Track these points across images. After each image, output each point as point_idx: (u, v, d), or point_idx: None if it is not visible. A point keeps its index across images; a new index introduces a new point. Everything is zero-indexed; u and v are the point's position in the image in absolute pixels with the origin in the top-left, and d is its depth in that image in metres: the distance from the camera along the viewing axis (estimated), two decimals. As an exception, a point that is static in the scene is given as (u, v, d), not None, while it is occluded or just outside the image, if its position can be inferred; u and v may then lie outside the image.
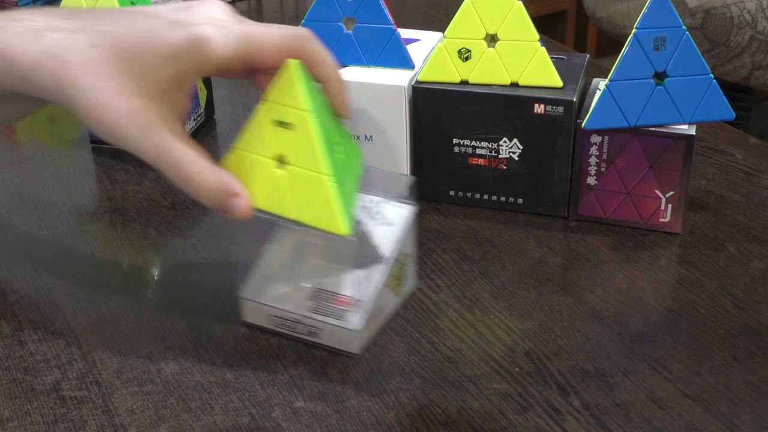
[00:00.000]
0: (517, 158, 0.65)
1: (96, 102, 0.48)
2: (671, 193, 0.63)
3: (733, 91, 1.33)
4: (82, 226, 0.68)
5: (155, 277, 0.62)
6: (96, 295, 0.59)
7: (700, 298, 0.58)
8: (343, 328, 0.52)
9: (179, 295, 0.59)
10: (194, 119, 0.79)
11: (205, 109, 0.82)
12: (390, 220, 0.55)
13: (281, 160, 0.49)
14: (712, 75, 0.61)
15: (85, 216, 0.68)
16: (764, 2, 1.23)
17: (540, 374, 0.52)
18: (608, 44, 2.30)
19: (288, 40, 0.50)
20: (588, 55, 0.70)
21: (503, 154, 0.66)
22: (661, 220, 0.64)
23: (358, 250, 0.52)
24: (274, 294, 0.55)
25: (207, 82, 0.82)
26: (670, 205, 0.63)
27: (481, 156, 0.66)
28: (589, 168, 0.64)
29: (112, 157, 0.76)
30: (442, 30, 0.65)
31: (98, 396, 0.51)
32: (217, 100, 0.85)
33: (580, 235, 0.65)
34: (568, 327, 0.55)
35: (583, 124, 0.62)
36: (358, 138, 0.67)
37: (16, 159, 0.74)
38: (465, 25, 0.64)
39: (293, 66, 0.49)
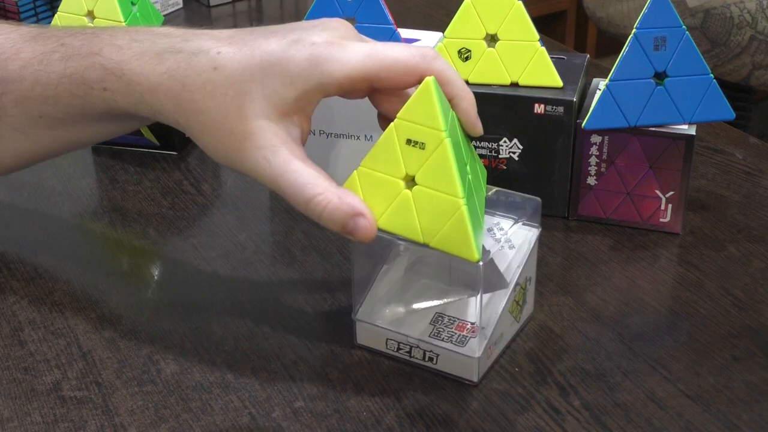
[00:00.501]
0: (517, 158, 0.65)
1: (214, 124, 0.47)
2: (671, 193, 0.63)
3: (733, 91, 1.33)
4: (82, 226, 0.68)
5: (155, 277, 0.62)
6: (96, 295, 0.59)
7: (700, 298, 0.58)
8: (462, 354, 0.50)
9: (178, 295, 0.59)
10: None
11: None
12: (514, 244, 0.53)
13: (410, 181, 0.47)
14: (712, 75, 0.61)
15: (85, 216, 0.68)
16: (764, 2, 1.23)
17: (540, 374, 0.52)
18: (608, 44, 2.29)
19: (414, 59, 0.47)
20: (588, 55, 0.70)
21: (503, 154, 0.66)
22: (661, 220, 0.64)
23: (484, 275, 0.48)
24: (390, 316, 0.53)
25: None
26: (670, 205, 0.63)
27: (481, 156, 0.66)
28: (589, 168, 0.64)
29: (112, 157, 0.76)
30: (442, 30, 0.65)
31: (98, 396, 0.50)
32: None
33: (580, 235, 0.65)
34: (568, 327, 0.55)
35: (583, 124, 0.62)
36: (358, 138, 0.66)
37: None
38: (465, 25, 0.64)
39: (430, 84, 0.46)
